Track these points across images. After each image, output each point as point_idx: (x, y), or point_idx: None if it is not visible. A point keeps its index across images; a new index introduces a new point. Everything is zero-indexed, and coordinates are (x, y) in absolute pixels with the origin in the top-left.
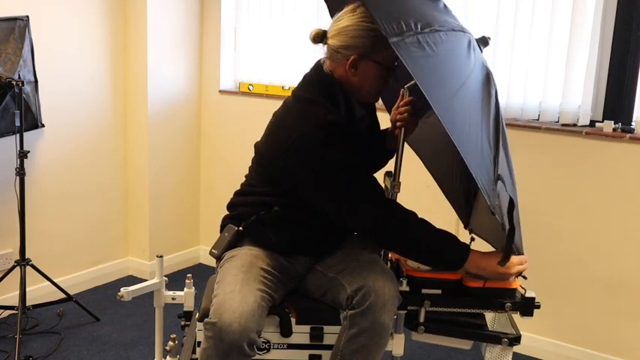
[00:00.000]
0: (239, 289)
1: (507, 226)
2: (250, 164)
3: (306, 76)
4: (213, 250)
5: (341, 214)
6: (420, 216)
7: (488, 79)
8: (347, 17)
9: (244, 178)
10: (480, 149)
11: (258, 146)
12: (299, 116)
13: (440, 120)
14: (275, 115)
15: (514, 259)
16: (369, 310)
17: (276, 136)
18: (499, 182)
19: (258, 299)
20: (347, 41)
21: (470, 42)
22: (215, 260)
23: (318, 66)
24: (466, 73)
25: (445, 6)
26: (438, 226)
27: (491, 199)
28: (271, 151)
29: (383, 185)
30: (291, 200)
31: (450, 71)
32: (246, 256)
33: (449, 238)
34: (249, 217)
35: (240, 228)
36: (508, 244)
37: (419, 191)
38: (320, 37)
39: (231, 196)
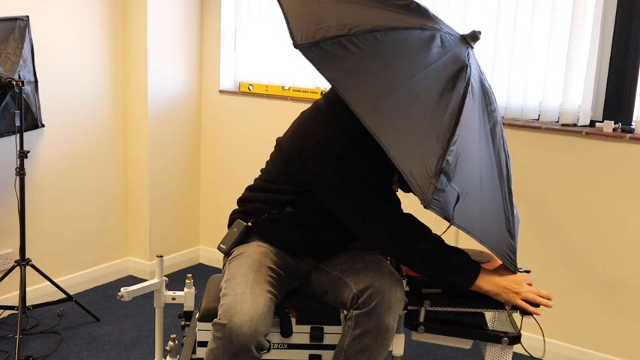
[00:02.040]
0: (250, 290)
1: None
2: (269, 159)
3: None
4: (221, 245)
5: (360, 220)
6: (418, 216)
7: (458, 72)
8: None
9: (260, 173)
10: (420, 144)
11: (281, 142)
12: (326, 119)
13: (363, 122)
14: (303, 114)
15: (524, 277)
16: (375, 311)
17: (302, 136)
18: (442, 176)
19: (268, 301)
20: None
21: (434, 38)
22: (222, 256)
23: None
24: (414, 70)
25: (418, 5)
26: (435, 226)
27: (424, 193)
28: (295, 151)
29: None
30: (306, 202)
31: (383, 70)
32: (255, 253)
33: (464, 253)
34: (261, 213)
35: (249, 224)
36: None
37: None
38: None
39: (231, 195)
